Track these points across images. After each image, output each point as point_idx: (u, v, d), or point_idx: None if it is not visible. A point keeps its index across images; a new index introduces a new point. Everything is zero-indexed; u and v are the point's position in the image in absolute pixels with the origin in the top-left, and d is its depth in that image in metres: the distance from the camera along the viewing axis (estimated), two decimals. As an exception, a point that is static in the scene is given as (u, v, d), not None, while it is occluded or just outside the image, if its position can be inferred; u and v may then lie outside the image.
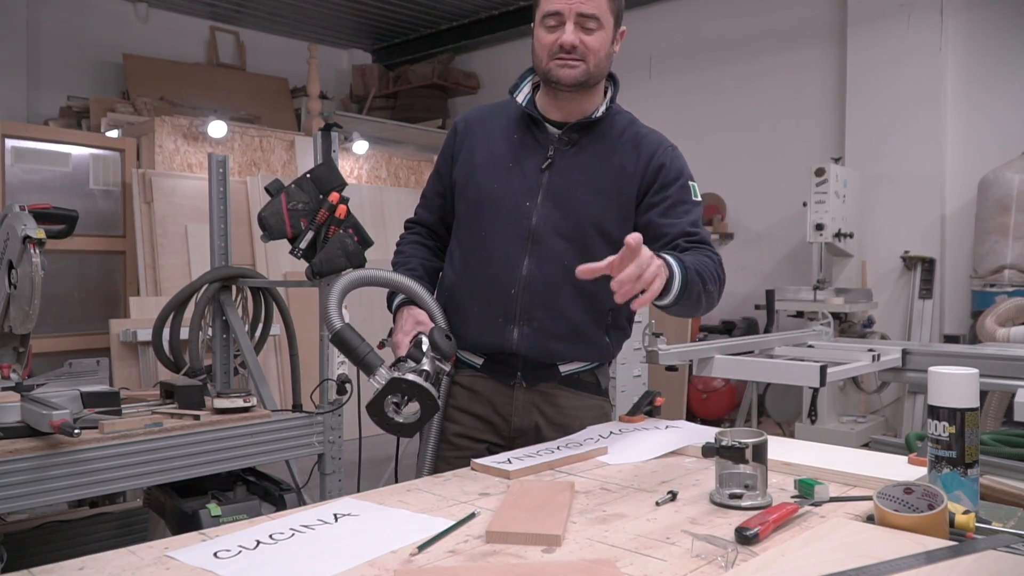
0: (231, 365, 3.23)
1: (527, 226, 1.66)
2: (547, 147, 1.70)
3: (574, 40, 1.59)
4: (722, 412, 5.83)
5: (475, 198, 1.72)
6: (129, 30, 7.12)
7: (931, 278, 5.47)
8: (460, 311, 1.72)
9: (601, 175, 1.68)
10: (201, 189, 4.26)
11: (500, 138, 1.74)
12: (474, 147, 1.76)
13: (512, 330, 1.67)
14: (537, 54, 1.66)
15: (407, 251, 1.85)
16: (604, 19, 1.61)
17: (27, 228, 2.29)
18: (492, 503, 1.20)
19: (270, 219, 2.54)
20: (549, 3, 1.61)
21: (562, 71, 1.62)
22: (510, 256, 1.67)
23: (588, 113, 1.70)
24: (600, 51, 1.63)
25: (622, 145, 1.71)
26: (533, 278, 1.66)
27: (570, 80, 1.62)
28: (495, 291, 1.68)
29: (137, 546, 1.02)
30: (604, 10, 1.61)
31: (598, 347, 1.74)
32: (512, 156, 1.71)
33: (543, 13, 1.62)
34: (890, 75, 5.63)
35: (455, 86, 8.44)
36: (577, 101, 1.69)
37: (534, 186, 1.68)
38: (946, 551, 0.91)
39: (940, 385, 1.12)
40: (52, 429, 1.89)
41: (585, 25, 1.60)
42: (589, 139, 1.70)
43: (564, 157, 1.69)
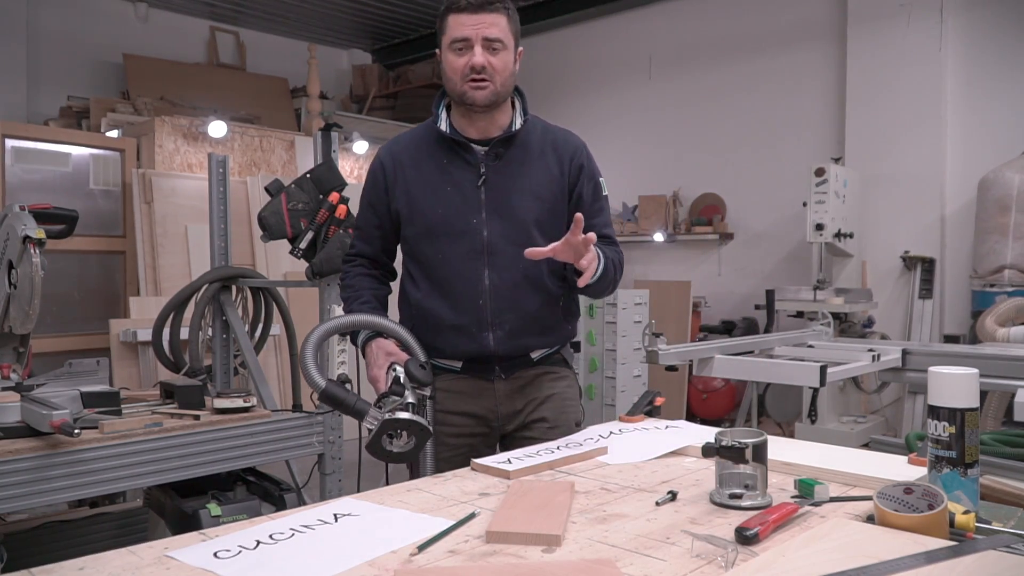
0: (231, 365, 3.23)
1: (481, 240, 1.80)
2: (477, 165, 1.82)
3: (483, 61, 1.73)
4: (722, 412, 5.83)
5: (424, 224, 1.83)
6: (129, 30, 7.12)
7: (931, 278, 5.47)
8: (433, 326, 1.84)
9: (532, 181, 1.83)
10: (201, 189, 4.26)
11: (429, 164, 1.85)
12: (407, 178, 1.86)
13: (487, 335, 1.82)
14: (449, 77, 1.78)
15: (355, 284, 1.95)
16: (507, 41, 1.76)
17: (27, 228, 2.29)
18: (492, 503, 1.20)
19: (270, 219, 2.54)
20: (457, 30, 1.74)
21: (475, 92, 1.75)
22: (471, 271, 1.80)
23: (503, 127, 1.85)
24: (505, 71, 1.77)
25: (543, 151, 1.87)
26: (496, 286, 1.81)
27: (483, 100, 1.76)
28: (464, 304, 1.81)
29: (137, 546, 1.02)
30: (506, 33, 1.76)
31: (561, 332, 1.93)
32: (447, 179, 1.83)
33: (450, 39, 1.76)
34: (890, 75, 5.63)
35: (455, 86, 8.43)
36: (490, 118, 1.82)
37: (475, 203, 1.81)
38: (946, 551, 0.91)
39: (940, 385, 1.12)
40: (52, 429, 1.89)
41: (491, 47, 1.74)
42: (513, 151, 1.84)
43: (495, 171, 1.82)
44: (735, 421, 5.24)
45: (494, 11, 1.74)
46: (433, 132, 1.85)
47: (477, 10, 1.73)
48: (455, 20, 1.75)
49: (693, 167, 6.71)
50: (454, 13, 1.75)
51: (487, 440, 1.89)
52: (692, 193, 6.80)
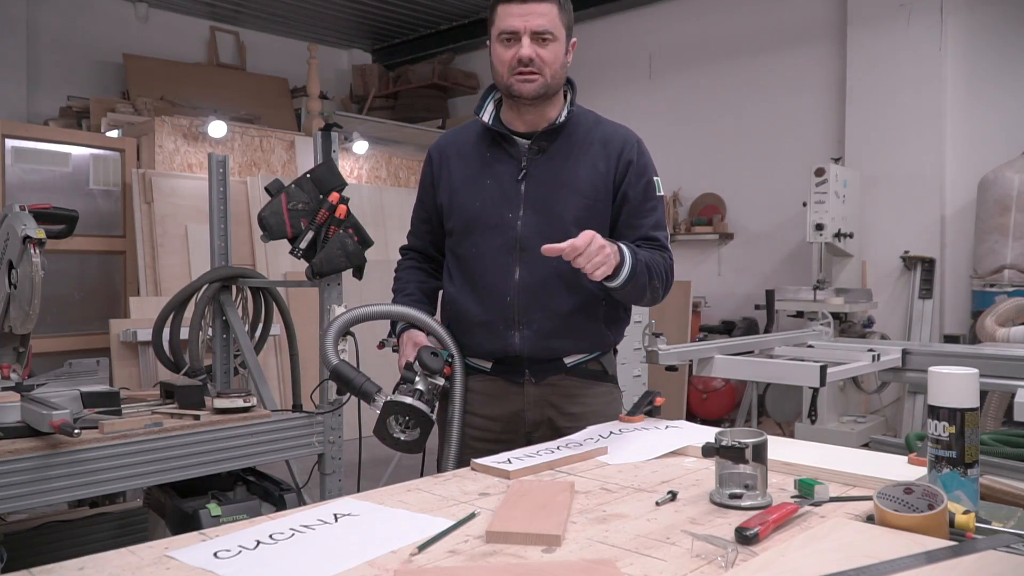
0: (231, 365, 3.23)
1: (513, 236, 1.76)
2: (519, 159, 1.78)
3: (531, 54, 1.68)
4: (722, 412, 5.83)
5: (462, 217, 1.81)
6: (129, 30, 7.12)
7: (931, 278, 5.47)
8: (463, 322, 1.82)
9: (575, 177, 1.77)
10: (201, 189, 4.26)
11: (473, 157, 1.83)
12: (451, 171, 1.85)
13: (513, 334, 1.77)
14: (497, 70, 1.74)
15: (403, 277, 1.96)
16: (557, 32, 1.70)
17: (27, 228, 2.29)
18: (492, 503, 1.20)
19: (270, 219, 2.54)
20: (505, 21, 1.69)
21: (522, 85, 1.71)
22: (502, 266, 1.76)
23: (551, 120, 1.78)
24: (555, 63, 1.72)
25: (590, 145, 1.80)
26: (526, 284, 1.76)
27: (530, 93, 1.71)
28: (493, 300, 1.77)
29: (137, 546, 1.02)
30: (557, 24, 1.70)
31: (597, 338, 1.84)
32: (488, 172, 1.80)
33: (499, 31, 1.71)
34: (890, 75, 5.63)
35: (455, 86, 8.44)
36: (539, 111, 1.77)
37: (514, 197, 1.77)
38: (946, 551, 0.91)
39: (940, 385, 1.12)
40: (52, 429, 1.89)
41: (540, 39, 1.69)
42: (557, 144, 1.79)
43: (537, 165, 1.77)
44: (735, 421, 5.24)
45: (544, 1, 1.68)
46: (479, 125, 1.82)
47: (526, 0, 1.67)
48: (504, 10, 1.69)
49: (693, 167, 6.71)
50: (503, 3, 1.69)
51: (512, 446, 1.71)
52: (692, 193, 6.80)
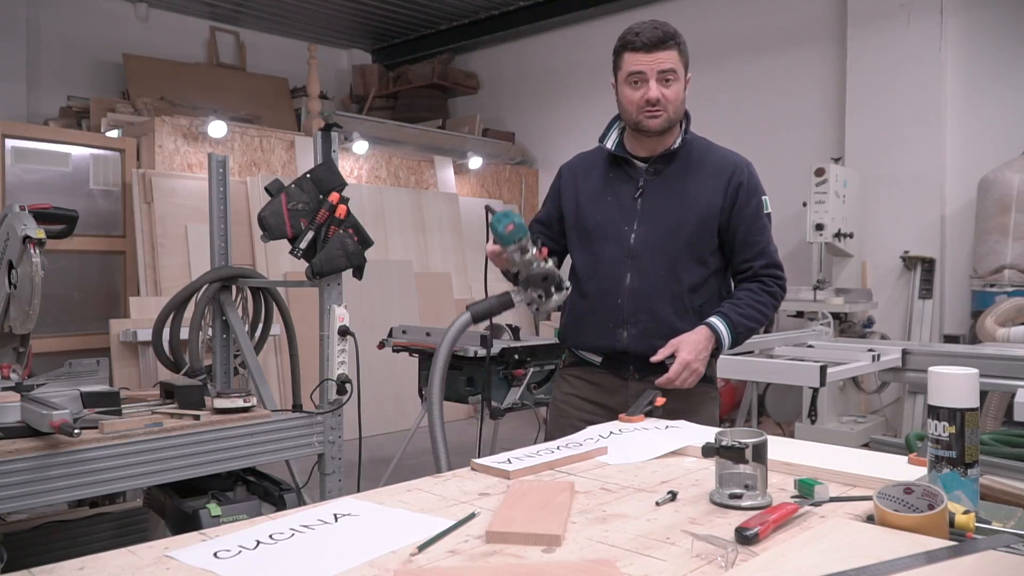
0: (231, 365, 3.23)
1: (627, 246, 1.98)
2: (637, 179, 2.01)
3: (658, 95, 1.90)
4: (722, 412, 5.81)
5: (584, 227, 2.05)
6: (129, 30, 7.12)
7: (931, 278, 5.47)
8: (579, 320, 2.06)
9: (685, 197, 1.97)
10: (201, 189, 4.26)
11: (597, 177, 2.07)
12: (577, 187, 2.10)
13: (621, 332, 1.98)
14: (625, 108, 1.97)
15: None
16: (679, 71, 1.92)
17: (27, 228, 2.29)
18: (492, 503, 1.20)
19: (270, 219, 2.54)
20: (633, 64, 1.91)
21: (650, 121, 1.93)
22: (615, 271, 1.98)
23: (669, 145, 2.00)
24: (677, 99, 1.93)
25: (702, 169, 2.01)
26: (635, 288, 1.97)
27: (657, 128, 1.94)
28: (605, 301, 1.99)
29: (137, 546, 1.02)
30: (678, 64, 1.92)
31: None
32: (609, 190, 2.03)
33: (627, 73, 1.93)
34: (890, 75, 5.63)
35: (455, 86, 8.44)
36: (660, 139, 1.99)
37: (631, 213, 1.99)
38: (946, 551, 0.91)
39: (940, 385, 1.12)
40: (52, 429, 1.89)
41: (664, 80, 1.90)
42: (672, 168, 2.01)
43: (652, 186, 2.00)
44: (735, 421, 5.24)
45: (667, 48, 1.89)
46: (604, 150, 2.06)
47: (652, 49, 1.88)
48: (632, 58, 1.91)
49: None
50: (630, 52, 1.91)
51: None
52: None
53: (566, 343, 2.16)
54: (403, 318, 5.07)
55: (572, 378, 2.13)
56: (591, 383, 2.08)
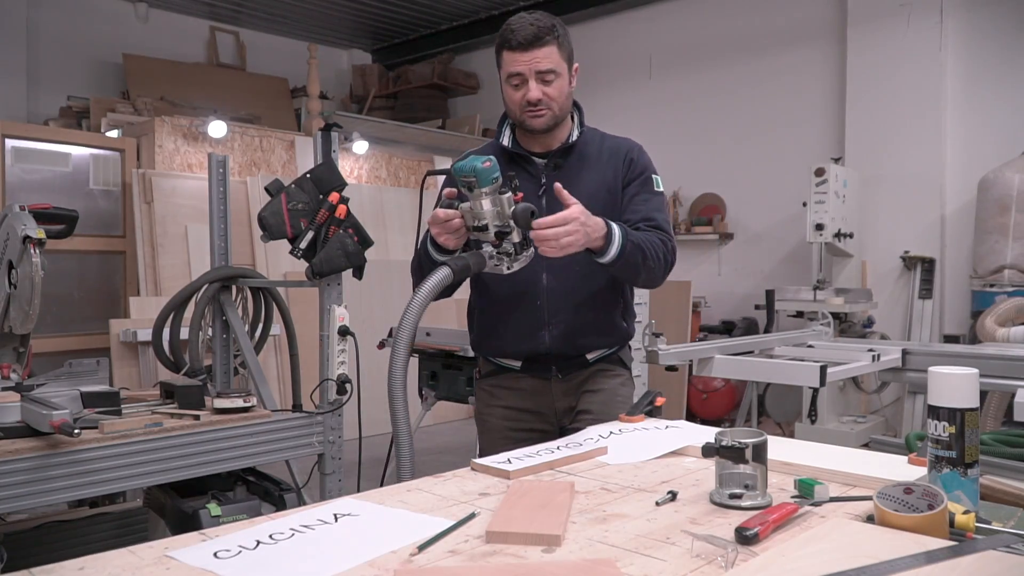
0: (231, 365, 3.23)
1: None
2: (538, 176, 1.94)
3: (538, 95, 1.84)
4: (722, 412, 5.83)
5: None
6: (129, 30, 7.12)
7: (931, 278, 5.47)
8: (496, 327, 1.99)
9: (590, 187, 1.91)
10: (201, 189, 4.26)
11: None
12: None
13: (543, 334, 1.92)
14: (509, 107, 1.91)
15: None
16: (559, 69, 1.85)
17: (27, 228, 2.29)
18: (492, 503, 1.20)
19: (270, 219, 2.54)
20: (511, 67, 1.84)
21: (534, 120, 1.88)
22: (530, 273, 1.84)
23: (563, 139, 1.96)
24: (561, 96, 1.87)
25: (600, 157, 1.97)
26: (553, 288, 1.91)
27: (541, 126, 1.89)
28: (523, 304, 1.93)
29: (137, 546, 1.02)
30: (558, 61, 1.84)
31: (617, 332, 2.01)
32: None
33: (506, 74, 1.86)
34: (890, 75, 5.63)
35: (455, 86, 8.44)
36: (552, 135, 1.94)
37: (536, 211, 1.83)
38: (946, 551, 0.91)
39: (940, 385, 1.12)
40: (52, 429, 1.89)
41: (544, 79, 1.84)
42: (571, 160, 1.96)
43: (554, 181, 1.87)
44: (735, 421, 5.24)
45: (544, 45, 1.81)
46: (498, 147, 1.98)
47: (528, 47, 1.81)
48: (509, 57, 1.84)
49: (693, 167, 6.71)
50: (507, 51, 1.84)
51: (546, 436, 1.90)
52: (692, 193, 6.80)
53: (480, 352, 2.07)
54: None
55: (492, 388, 2.05)
56: (513, 390, 2.01)
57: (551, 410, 1.99)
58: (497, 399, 2.03)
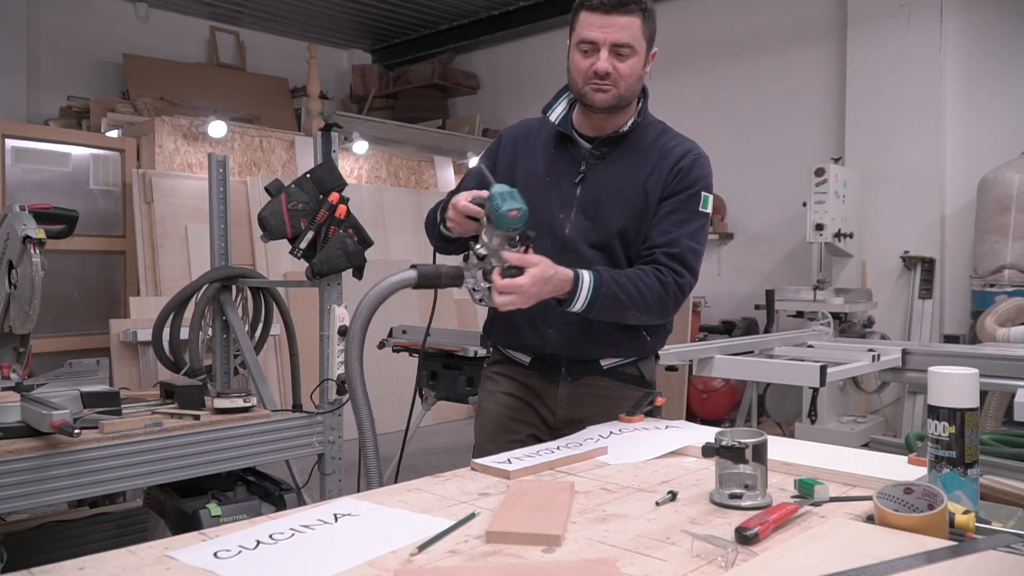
0: (231, 365, 3.23)
1: (561, 237, 1.76)
2: (580, 161, 1.79)
3: (608, 68, 1.66)
4: (722, 412, 5.83)
5: None
6: (129, 30, 7.12)
7: (931, 278, 5.47)
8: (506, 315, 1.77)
9: (627, 186, 1.76)
10: (201, 189, 4.26)
11: (539, 154, 1.83)
12: (515, 162, 1.85)
13: (550, 332, 1.78)
14: (572, 76, 1.74)
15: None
16: (637, 45, 1.69)
17: (27, 228, 2.29)
18: (492, 503, 1.20)
19: (270, 219, 2.54)
20: (585, 30, 1.66)
21: (596, 95, 1.70)
22: None
23: (619, 127, 1.78)
24: (632, 76, 1.71)
25: (650, 155, 1.78)
26: None
27: (603, 104, 1.71)
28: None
29: (137, 546, 1.02)
30: (638, 36, 1.68)
31: (635, 345, 1.83)
32: (549, 171, 1.80)
33: (578, 38, 1.69)
34: (890, 75, 5.63)
35: (455, 86, 8.44)
36: (610, 118, 1.77)
37: (568, 199, 1.77)
38: (946, 551, 0.91)
39: (940, 385, 1.12)
40: (52, 429, 1.89)
41: (619, 52, 1.67)
42: (619, 151, 1.79)
43: (595, 171, 1.78)
44: (735, 421, 5.24)
45: (628, 12, 1.65)
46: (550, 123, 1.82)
47: (609, 11, 1.64)
48: (585, 19, 1.67)
49: (693, 167, 6.69)
50: (585, 11, 1.67)
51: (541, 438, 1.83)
52: (692, 193, 6.79)
53: (489, 338, 1.95)
54: (403, 318, 5.06)
55: (498, 376, 1.92)
56: (518, 381, 1.88)
57: (552, 416, 1.85)
58: (500, 385, 1.90)
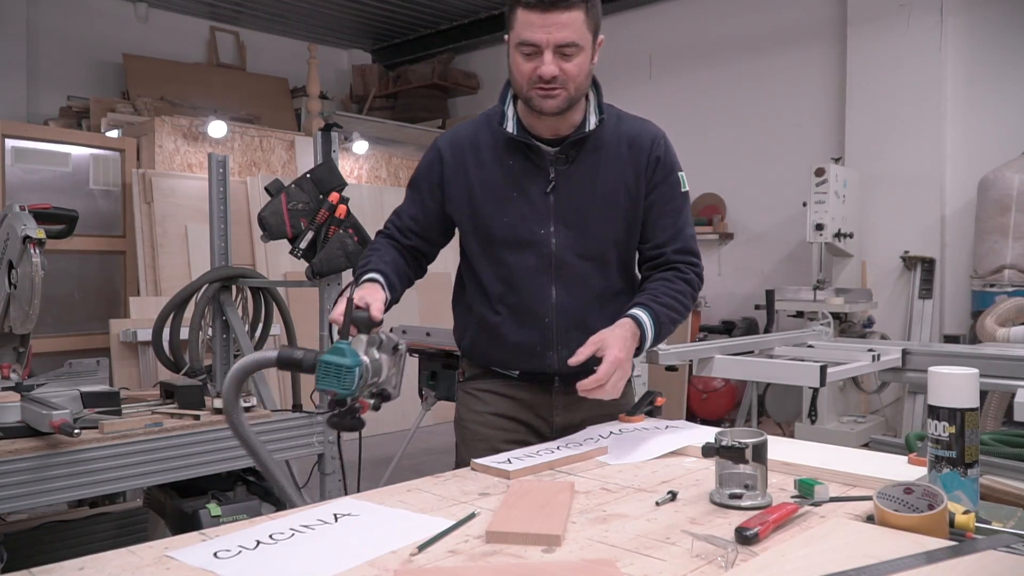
0: (231, 365, 3.23)
1: (548, 253, 1.65)
2: (546, 168, 1.65)
3: (554, 71, 1.53)
4: (722, 412, 5.83)
5: (487, 233, 1.68)
6: (129, 30, 7.11)
7: (931, 278, 5.46)
8: (494, 337, 1.72)
9: (606, 187, 1.66)
10: (201, 189, 4.26)
11: (493, 165, 1.67)
12: (466, 174, 1.69)
13: (552, 355, 1.69)
14: (516, 79, 1.59)
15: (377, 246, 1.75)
16: (583, 41, 1.54)
17: (27, 228, 2.29)
18: (492, 503, 1.20)
19: (270, 219, 2.54)
20: (525, 31, 1.52)
21: (545, 102, 1.57)
22: (537, 287, 1.66)
23: (576, 124, 1.66)
24: (580, 75, 1.57)
25: (619, 149, 1.68)
26: (563, 303, 1.68)
27: (553, 110, 1.58)
28: (529, 321, 1.68)
29: (137, 546, 1.02)
30: (582, 32, 1.54)
31: None
32: (511, 182, 1.66)
33: (518, 39, 1.54)
34: (890, 75, 5.62)
35: (455, 86, 8.44)
36: (564, 117, 1.64)
37: (544, 211, 1.65)
38: (946, 551, 0.91)
39: (940, 385, 1.12)
40: (52, 429, 1.89)
41: (563, 52, 1.53)
42: (585, 151, 1.66)
43: (565, 176, 1.66)
44: (735, 421, 5.24)
45: (569, 7, 1.50)
46: (497, 126, 1.67)
47: (549, 8, 1.49)
48: (524, 18, 1.52)
49: (693, 167, 6.65)
50: (523, 9, 1.52)
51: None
52: (692, 193, 6.76)
53: (473, 360, 1.81)
54: (403, 318, 5.06)
55: (483, 393, 1.77)
56: (506, 397, 1.75)
57: (547, 425, 1.75)
58: (486, 404, 1.76)
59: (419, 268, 1.81)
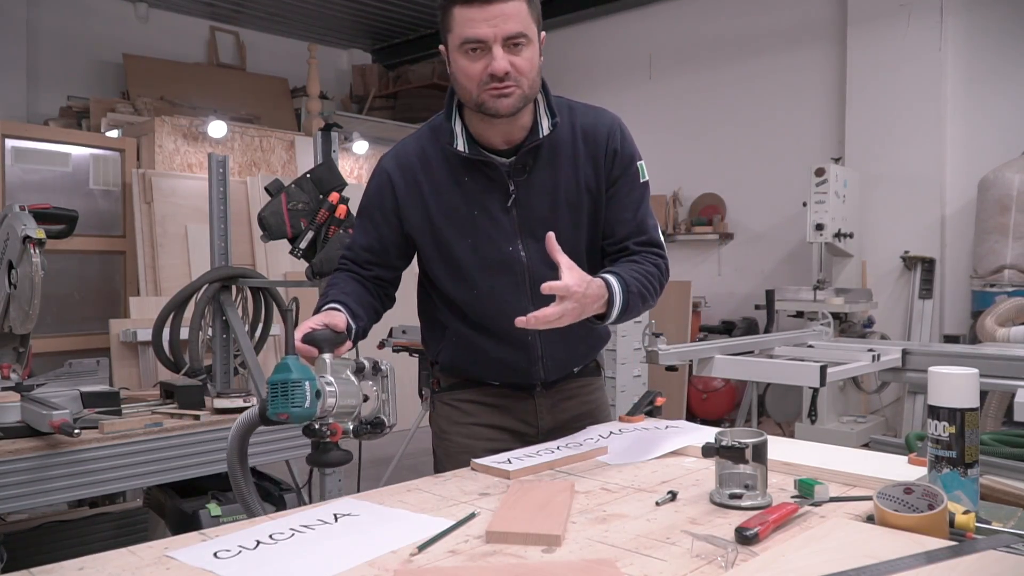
0: (231, 365, 3.23)
1: (521, 271, 1.59)
2: (503, 183, 1.56)
3: (506, 66, 1.42)
4: (722, 412, 5.83)
5: (454, 260, 1.60)
6: (129, 30, 7.11)
7: (931, 278, 5.47)
8: (474, 353, 1.67)
9: (568, 191, 1.59)
10: (201, 189, 4.26)
11: (448, 185, 1.58)
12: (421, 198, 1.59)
13: (537, 368, 1.66)
14: (463, 85, 1.48)
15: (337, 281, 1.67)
16: (530, 32, 1.45)
17: (27, 228, 2.29)
18: (492, 503, 1.20)
19: (270, 219, 2.54)
20: (468, 28, 1.41)
21: (499, 102, 1.45)
22: (515, 305, 1.55)
23: (527, 127, 1.56)
24: (533, 69, 1.48)
25: (574, 148, 1.59)
26: None
27: (509, 110, 1.47)
28: (512, 340, 1.62)
29: (137, 546, 1.02)
30: (528, 22, 1.45)
31: (599, 343, 1.80)
32: (470, 202, 1.57)
33: (460, 39, 1.43)
34: (890, 75, 5.63)
35: (455, 86, 8.43)
36: (515, 120, 1.54)
37: (509, 228, 1.57)
38: (946, 551, 0.91)
39: (940, 385, 1.12)
40: (52, 429, 1.89)
41: (512, 45, 1.43)
42: (541, 157, 1.57)
43: (525, 188, 1.57)
44: (735, 421, 5.24)
45: None
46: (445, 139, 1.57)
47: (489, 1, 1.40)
48: (463, 15, 1.42)
49: (693, 167, 6.71)
50: (460, 6, 1.42)
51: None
52: (692, 193, 6.80)
53: (454, 373, 1.73)
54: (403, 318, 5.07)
55: (464, 404, 1.71)
56: (487, 405, 1.70)
57: (533, 429, 1.71)
58: (469, 415, 1.70)
59: (385, 297, 1.73)
